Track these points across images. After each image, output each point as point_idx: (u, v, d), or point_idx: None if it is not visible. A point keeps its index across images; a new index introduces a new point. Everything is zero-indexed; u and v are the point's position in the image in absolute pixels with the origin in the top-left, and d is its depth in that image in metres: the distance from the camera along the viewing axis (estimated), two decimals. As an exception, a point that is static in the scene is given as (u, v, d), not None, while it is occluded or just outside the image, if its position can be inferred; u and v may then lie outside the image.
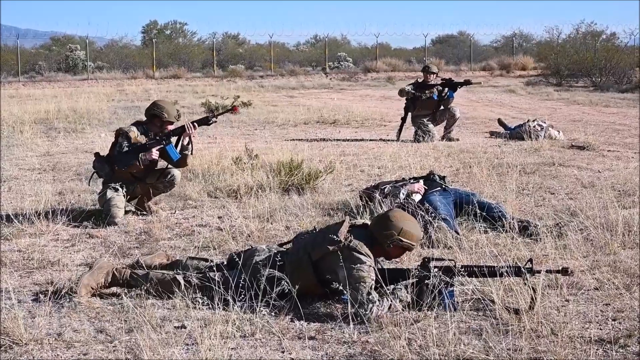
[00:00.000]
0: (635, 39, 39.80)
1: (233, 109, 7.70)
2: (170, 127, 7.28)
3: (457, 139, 12.69)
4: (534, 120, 12.98)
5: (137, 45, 46.99)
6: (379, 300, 4.44)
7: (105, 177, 7.26)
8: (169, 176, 7.30)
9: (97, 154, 7.36)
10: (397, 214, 4.85)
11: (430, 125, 12.78)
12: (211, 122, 7.35)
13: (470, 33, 49.62)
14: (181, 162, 7.36)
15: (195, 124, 7.26)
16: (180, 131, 7.22)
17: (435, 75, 13.05)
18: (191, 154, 7.40)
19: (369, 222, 4.98)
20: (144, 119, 7.35)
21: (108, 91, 26.13)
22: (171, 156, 7.23)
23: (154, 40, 41.28)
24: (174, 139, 7.23)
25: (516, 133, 12.79)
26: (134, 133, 7.16)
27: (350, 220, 4.95)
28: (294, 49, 51.32)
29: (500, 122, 13.86)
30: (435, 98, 12.79)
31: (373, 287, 4.49)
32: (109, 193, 7.06)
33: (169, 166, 7.33)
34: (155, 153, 7.14)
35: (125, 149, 7.12)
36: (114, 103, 21.21)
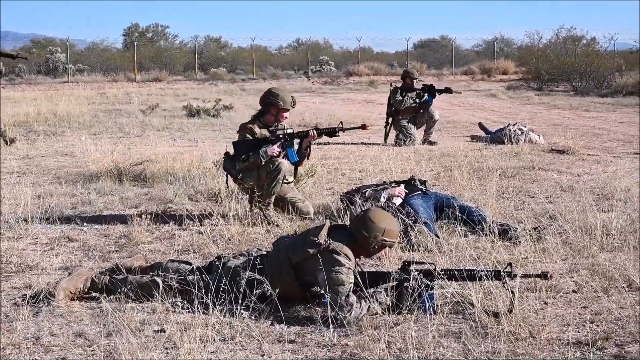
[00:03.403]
0: (614, 43, 40.18)
1: (363, 127, 7.64)
2: (286, 115, 7.22)
3: (437, 143, 12.74)
4: (514, 124, 13.05)
5: (119, 48, 46.91)
6: (357, 302, 4.45)
7: (238, 176, 7.15)
8: (275, 164, 7.01)
9: (227, 154, 7.27)
10: (377, 214, 4.86)
11: (413, 129, 12.84)
12: (336, 134, 7.33)
13: (452, 37, 49.85)
14: (297, 164, 7.33)
15: (320, 131, 7.24)
16: (304, 135, 7.18)
17: (416, 80, 13.12)
18: (307, 158, 7.40)
19: (349, 223, 4.99)
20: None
21: (89, 94, 26.02)
22: (289, 158, 7.13)
23: (135, 43, 41.15)
24: (296, 142, 7.19)
25: (497, 137, 12.85)
26: (257, 129, 7.12)
27: (330, 222, 4.96)
28: (276, 53, 51.42)
29: (481, 126, 13.92)
30: (417, 102, 12.87)
31: (352, 289, 4.50)
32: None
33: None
34: (277, 149, 7.02)
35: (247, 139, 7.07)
36: (94, 106, 21.11)
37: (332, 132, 7.32)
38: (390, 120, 13.08)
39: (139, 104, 21.14)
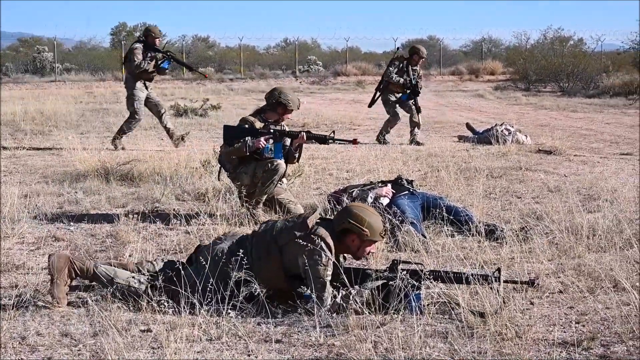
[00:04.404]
0: (602, 44, 40.37)
1: (353, 142, 7.60)
2: (290, 117, 7.26)
3: (423, 144, 12.81)
4: (501, 125, 13.08)
5: (106, 47, 46.73)
6: (334, 293, 4.54)
7: (233, 171, 7.18)
8: (273, 164, 7.03)
9: (223, 146, 7.26)
10: (357, 204, 4.94)
11: (399, 110, 13.23)
12: (326, 142, 7.36)
13: (440, 38, 49.94)
14: (288, 162, 7.32)
15: (310, 135, 7.23)
16: (294, 136, 7.16)
17: (423, 59, 13.47)
18: (297, 161, 7.41)
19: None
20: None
21: (76, 93, 25.92)
22: (274, 153, 7.09)
23: (123, 42, 40.99)
24: (287, 141, 7.21)
25: (484, 137, 12.87)
26: (258, 123, 7.11)
27: (320, 213, 4.96)
28: (264, 52, 51.33)
29: (468, 126, 13.95)
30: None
31: (329, 280, 4.57)
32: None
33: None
34: (263, 142, 6.97)
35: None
36: (82, 105, 21.04)
37: (322, 140, 7.32)
38: (381, 86, 13.35)
39: (127, 103, 21.03)
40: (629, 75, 28.55)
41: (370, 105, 13.56)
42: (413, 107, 13.15)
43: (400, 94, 13.18)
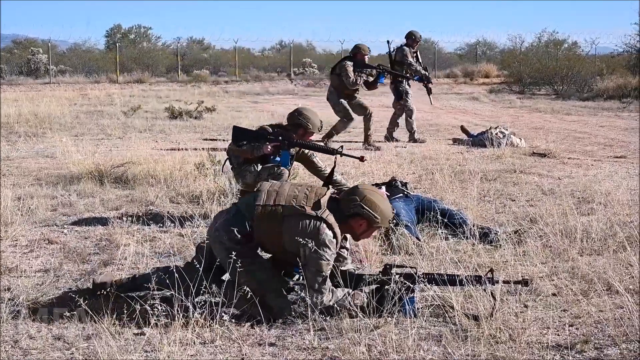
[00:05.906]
0: (596, 47, 40.47)
1: (360, 159, 7.56)
2: (311, 139, 7.23)
3: (398, 140, 13.37)
4: (496, 128, 13.09)
5: (101, 49, 46.70)
6: (331, 290, 4.50)
7: (237, 167, 7.17)
8: (279, 169, 6.99)
9: (231, 145, 7.22)
10: (367, 186, 4.80)
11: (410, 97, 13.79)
12: (333, 155, 7.21)
13: (435, 40, 49.94)
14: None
15: (317, 148, 7.29)
16: (302, 145, 7.16)
17: (418, 43, 13.98)
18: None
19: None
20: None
21: (70, 95, 25.85)
22: (282, 162, 7.04)
23: (117, 45, 40.97)
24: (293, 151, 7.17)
25: (478, 140, 12.88)
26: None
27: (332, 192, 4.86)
28: (259, 55, 51.36)
29: (463, 129, 13.96)
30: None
31: (328, 274, 4.52)
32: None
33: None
34: (269, 148, 6.94)
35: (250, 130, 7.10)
36: (76, 107, 20.98)
37: (329, 152, 7.30)
38: (398, 78, 13.79)
39: (121, 105, 21.04)
40: (622, 79, 28.55)
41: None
42: (411, 105, 13.65)
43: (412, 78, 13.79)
